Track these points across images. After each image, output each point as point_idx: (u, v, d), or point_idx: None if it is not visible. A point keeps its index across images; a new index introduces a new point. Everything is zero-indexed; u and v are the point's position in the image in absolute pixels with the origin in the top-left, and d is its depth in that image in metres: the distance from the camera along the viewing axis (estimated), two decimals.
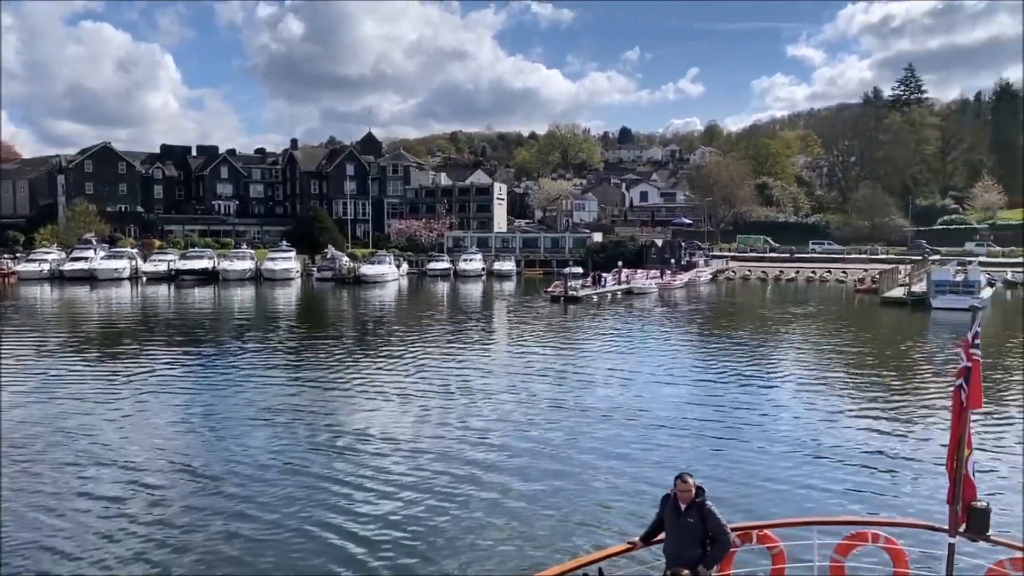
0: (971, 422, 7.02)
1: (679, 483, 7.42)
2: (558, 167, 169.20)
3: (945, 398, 23.72)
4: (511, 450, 18.12)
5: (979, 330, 7.02)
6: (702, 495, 7.37)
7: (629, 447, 18.42)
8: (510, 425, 20.43)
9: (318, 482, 15.63)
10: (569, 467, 16.81)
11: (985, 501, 7.05)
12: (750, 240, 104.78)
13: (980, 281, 52.22)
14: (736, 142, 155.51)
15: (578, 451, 18.03)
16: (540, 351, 33.75)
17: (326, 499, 14.66)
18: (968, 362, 6.95)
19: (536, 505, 14.44)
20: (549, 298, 56.33)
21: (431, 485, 15.46)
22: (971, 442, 7.00)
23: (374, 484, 15.58)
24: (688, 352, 35.30)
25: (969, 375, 6.91)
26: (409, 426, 20.38)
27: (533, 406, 22.71)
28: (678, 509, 7.37)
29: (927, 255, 79.11)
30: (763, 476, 16.13)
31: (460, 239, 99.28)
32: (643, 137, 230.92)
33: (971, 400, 6.88)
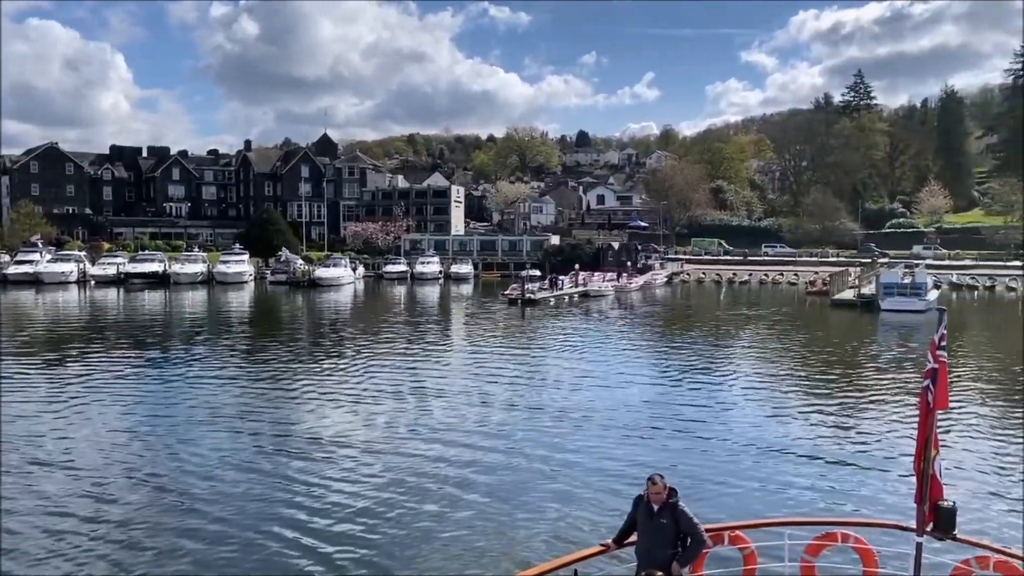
0: (937, 422, 7.10)
1: (650, 484, 7.40)
2: (516, 170, 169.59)
3: (897, 397, 24.30)
4: (473, 452, 17.97)
5: (945, 332, 7.09)
6: (675, 496, 7.36)
7: (591, 447, 18.42)
8: (470, 427, 20.28)
9: (275, 486, 15.32)
10: (532, 468, 16.74)
11: (951, 501, 7.14)
12: (704, 243, 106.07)
13: (927, 283, 53.49)
14: (691, 146, 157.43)
15: (540, 452, 17.96)
16: (497, 354, 33.65)
17: (283, 502, 14.39)
18: (935, 364, 7.01)
19: (502, 507, 14.34)
20: (506, 301, 56.28)
21: (392, 488, 15.26)
22: (938, 443, 7.08)
23: (333, 487, 15.34)
24: (645, 353, 35.52)
25: (936, 376, 6.97)
26: (367, 429, 20.11)
27: (491, 408, 22.59)
28: (651, 510, 7.35)
29: (876, 258, 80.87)
30: (723, 475, 16.26)
31: (417, 242, 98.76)
32: (600, 141, 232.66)
33: (938, 401, 6.95)
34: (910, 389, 25.93)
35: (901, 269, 55.72)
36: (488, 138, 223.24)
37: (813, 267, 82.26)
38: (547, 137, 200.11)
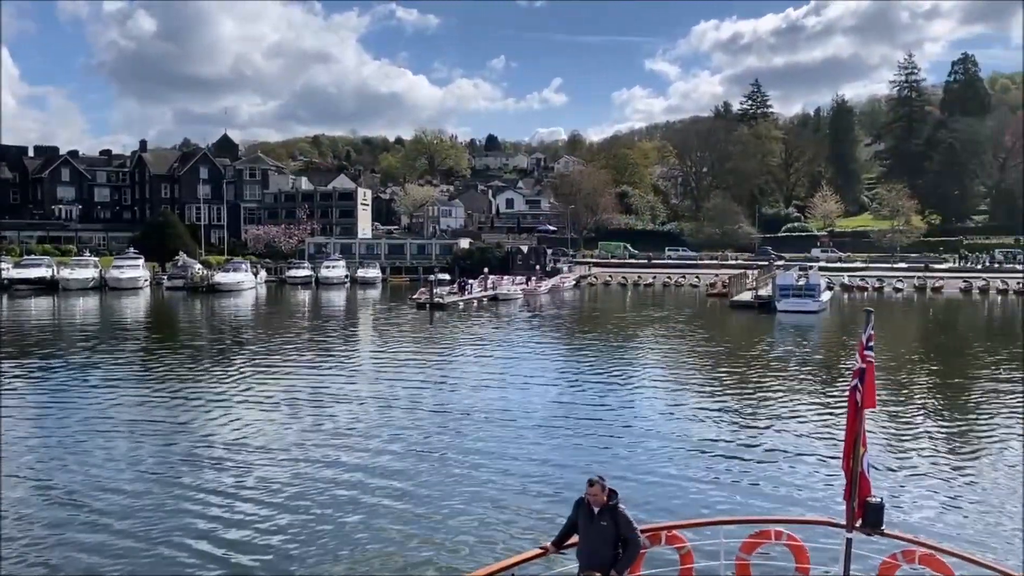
0: (864, 421, 7.23)
1: (589, 487, 7.39)
2: (425, 173, 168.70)
3: (797, 395, 25.16)
4: (387, 457, 17.72)
5: (872, 332, 7.23)
6: (615, 499, 7.37)
7: (506, 450, 18.41)
8: (382, 432, 19.99)
9: (181, 497, 14.80)
10: (450, 472, 16.61)
11: (879, 497, 7.30)
12: (611, 247, 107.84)
13: (820, 285, 55.76)
14: (598, 152, 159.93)
15: (456, 456, 17.86)
16: (406, 358, 33.25)
17: (190, 514, 13.88)
18: (863, 363, 7.14)
19: (423, 512, 14.14)
20: (415, 305, 55.74)
21: (305, 497, 14.90)
22: (866, 440, 7.22)
23: (242, 497, 14.92)
24: (555, 355, 35.76)
25: (864, 376, 7.10)
26: (273, 436, 19.55)
27: (401, 413, 22.30)
28: (591, 513, 7.36)
29: (772, 261, 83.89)
30: (640, 473, 16.47)
31: (322, 245, 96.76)
32: (509, 145, 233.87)
33: (866, 400, 7.10)
34: (809, 387, 26.93)
35: (796, 271, 57.91)
36: (396, 140, 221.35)
37: (714, 270, 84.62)
38: (456, 140, 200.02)
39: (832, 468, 17.19)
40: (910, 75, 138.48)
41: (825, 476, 16.67)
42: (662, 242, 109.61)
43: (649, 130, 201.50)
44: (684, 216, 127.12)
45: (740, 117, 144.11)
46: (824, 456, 18.11)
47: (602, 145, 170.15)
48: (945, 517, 14.24)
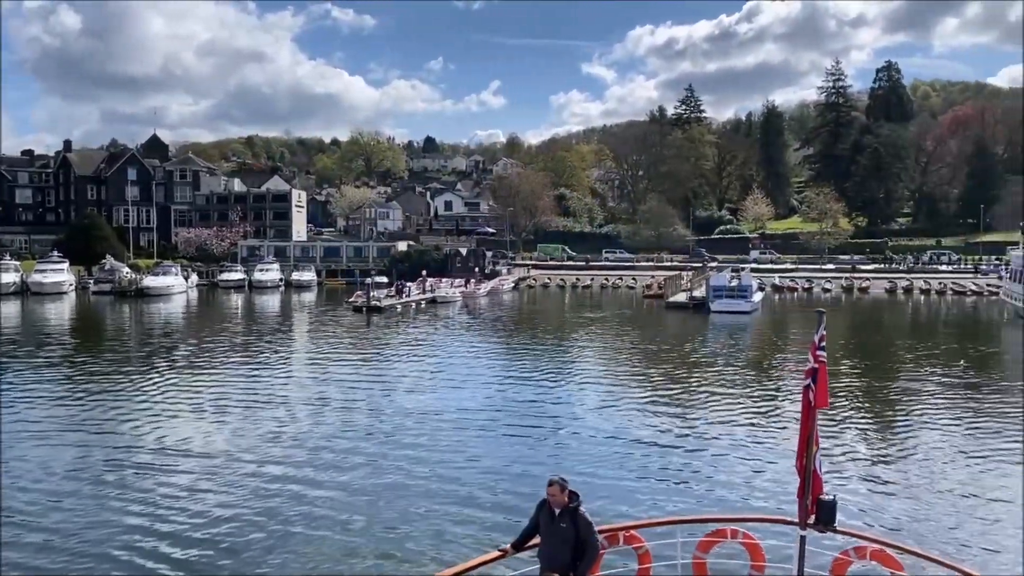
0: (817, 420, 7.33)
1: (549, 488, 7.40)
2: (361, 175, 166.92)
3: (733, 394, 25.63)
4: (328, 461, 17.57)
5: (824, 333, 7.28)
6: (576, 500, 7.37)
7: (452, 452, 18.42)
8: (319, 437, 19.85)
9: (116, 508, 14.41)
10: (393, 474, 16.55)
11: (832, 494, 7.41)
12: (549, 249, 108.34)
13: (752, 286, 56.98)
14: (536, 154, 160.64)
15: (398, 458, 17.79)
16: (341, 362, 32.82)
17: (123, 527, 13.50)
18: (815, 363, 7.22)
19: (369, 515, 14.02)
20: (351, 308, 55.03)
21: (248, 503, 14.65)
22: (818, 439, 7.32)
23: (171, 504, 14.65)
24: (494, 357, 35.71)
25: (816, 376, 7.18)
26: (207, 443, 19.25)
27: (337, 416, 22.06)
28: (552, 514, 7.36)
29: (706, 262, 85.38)
30: (586, 474, 16.53)
31: (256, 248, 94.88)
32: (448, 147, 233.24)
33: (818, 399, 7.18)
34: (744, 386, 27.45)
35: (729, 273, 59.05)
36: (332, 141, 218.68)
37: (650, 271, 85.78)
38: (394, 142, 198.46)
39: (771, 464, 17.64)
40: (837, 81, 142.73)
41: (762, 472, 17.00)
42: (600, 244, 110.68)
43: (586, 133, 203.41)
44: (621, 218, 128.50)
45: (675, 121, 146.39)
46: (763, 453, 18.53)
47: (540, 148, 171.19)
48: (894, 513, 14.61)
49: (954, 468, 17.59)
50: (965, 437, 20.39)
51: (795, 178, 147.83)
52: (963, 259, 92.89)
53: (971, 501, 15.34)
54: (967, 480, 16.69)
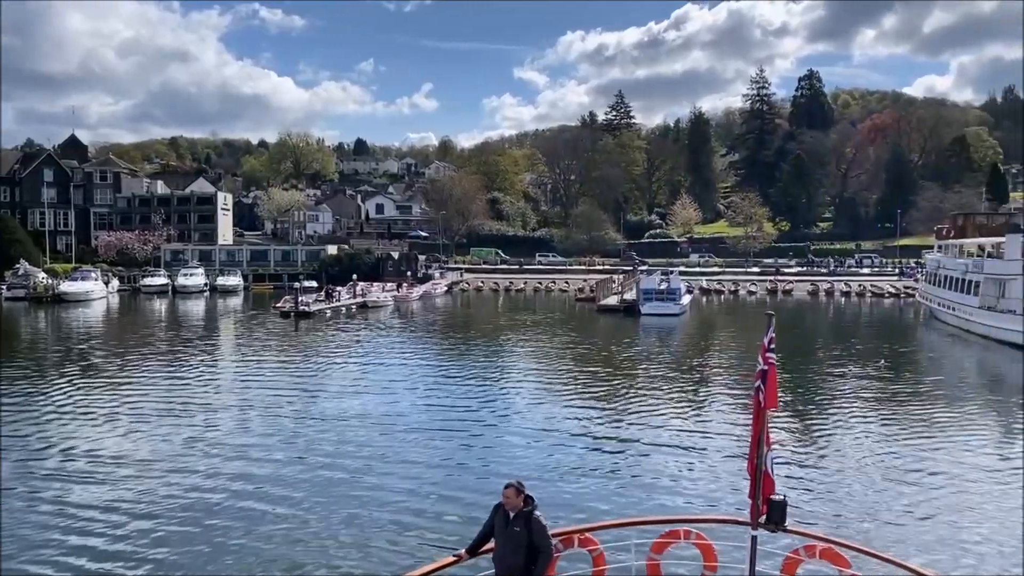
0: (767, 421, 7.36)
1: (506, 491, 7.38)
2: (290, 177, 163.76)
3: (665, 395, 25.90)
4: (260, 468, 17.21)
5: (774, 335, 7.32)
6: (531, 504, 7.34)
7: (383, 455, 18.27)
8: (249, 444, 19.49)
9: (40, 520, 13.75)
10: (329, 479, 16.38)
11: (782, 494, 7.45)
12: (482, 253, 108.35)
13: (681, 289, 57.96)
14: (469, 158, 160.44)
15: (329, 464, 17.52)
16: (268, 367, 32.06)
17: (46, 541, 12.90)
18: (764, 365, 7.26)
19: (310, 525, 13.74)
20: (279, 313, 53.84)
21: (186, 511, 14.31)
22: (770, 439, 7.37)
23: (99, 513, 14.22)
24: (428, 361, 35.37)
25: (766, 377, 7.21)
26: (117, 450, 18.64)
27: (262, 424, 21.54)
28: (507, 518, 7.33)
29: (637, 266, 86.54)
30: (526, 475, 16.38)
31: (180, 252, 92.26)
32: (379, 149, 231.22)
33: (768, 400, 7.22)
34: (674, 387, 27.78)
35: (658, 276, 59.92)
36: (260, 143, 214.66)
37: (582, 275, 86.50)
38: (324, 144, 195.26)
39: (711, 462, 17.90)
40: (761, 89, 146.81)
41: (698, 471, 17.17)
42: (533, 248, 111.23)
43: (519, 137, 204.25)
44: (554, 222, 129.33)
45: (605, 127, 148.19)
46: (701, 453, 18.76)
47: (473, 151, 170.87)
48: (835, 511, 14.90)
49: (884, 463, 18.07)
50: (890, 433, 21.01)
51: (722, 183, 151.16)
52: (884, 262, 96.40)
53: (907, 495, 15.76)
54: (900, 475, 17.16)
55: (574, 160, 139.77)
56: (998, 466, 18.04)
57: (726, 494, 15.82)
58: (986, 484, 16.61)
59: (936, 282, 52.87)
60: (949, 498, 15.69)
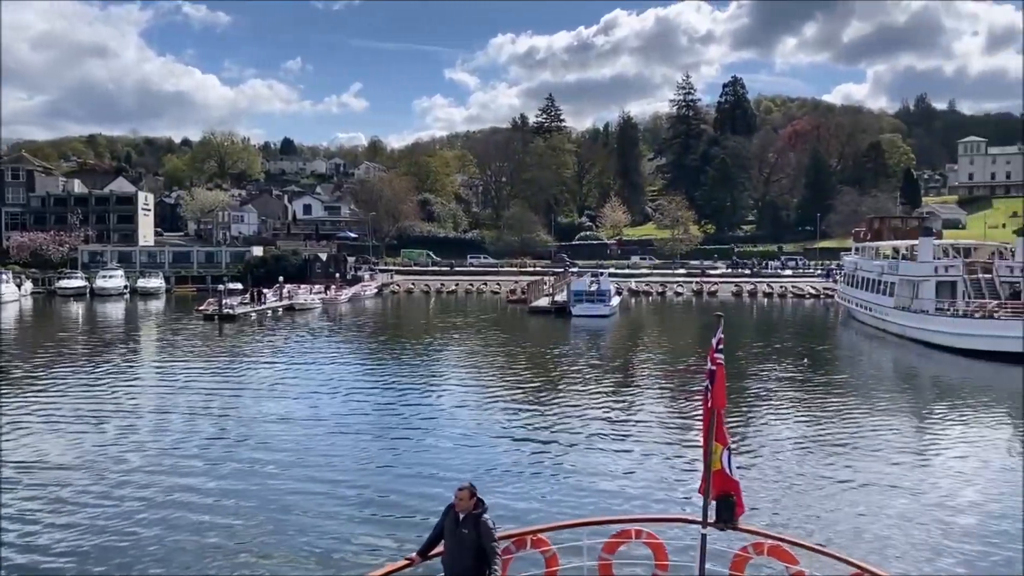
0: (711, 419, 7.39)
1: (459, 493, 7.40)
2: (214, 176, 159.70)
3: (597, 394, 26.08)
4: (191, 474, 16.76)
5: (722, 336, 7.39)
6: (481, 507, 7.35)
7: (315, 459, 18.00)
8: (172, 450, 18.88)
9: None
10: (261, 485, 16.02)
11: (730, 493, 7.50)
12: (413, 254, 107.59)
13: (610, 290, 58.62)
14: (399, 158, 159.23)
15: (261, 472, 17.11)
16: (189, 372, 31.06)
17: None
18: (713, 366, 7.33)
19: (256, 531, 13.45)
20: (202, 316, 52.34)
21: (118, 519, 13.91)
22: (724, 438, 7.42)
23: (20, 521, 13.77)
24: (357, 364, 34.92)
25: (714, 378, 7.29)
26: (39, 455, 18.03)
27: (185, 428, 20.92)
28: (456, 519, 7.34)
29: (567, 268, 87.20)
30: (444, 472, 16.28)
31: (98, 253, 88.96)
32: (307, 149, 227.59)
33: (716, 400, 7.30)
34: (607, 386, 28.00)
35: (588, 278, 60.49)
36: (183, 142, 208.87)
37: (513, 277, 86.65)
38: (249, 143, 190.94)
39: (650, 461, 18.12)
40: (687, 95, 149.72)
41: (641, 469, 17.31)
42: (464, 249, 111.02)
43: (450, 139, 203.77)
44: (485, 224, 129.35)
45: (536, 130, 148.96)
46: (637, 451, 18.95)
47: (403, 152, 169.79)
48: (791, 509, 15.17)
49: (812, 458, 18.53)
50: (815, 428, 21.58)
51: (649, 187, 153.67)
52: (808, 264, 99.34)
53: (846, 492, 16.21)
54: (829, 471, 17.66)
55: (505, 162, 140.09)
56: (919, 460, 18.74)
57: (666, 491, 16.09)
58: (909, 478, 17.20)
59: (853, 283, 54.71)
60: (875, 493, 16.15)
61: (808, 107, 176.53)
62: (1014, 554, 12.76)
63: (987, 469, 18.20)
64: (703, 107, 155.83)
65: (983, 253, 46.47)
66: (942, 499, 15.73)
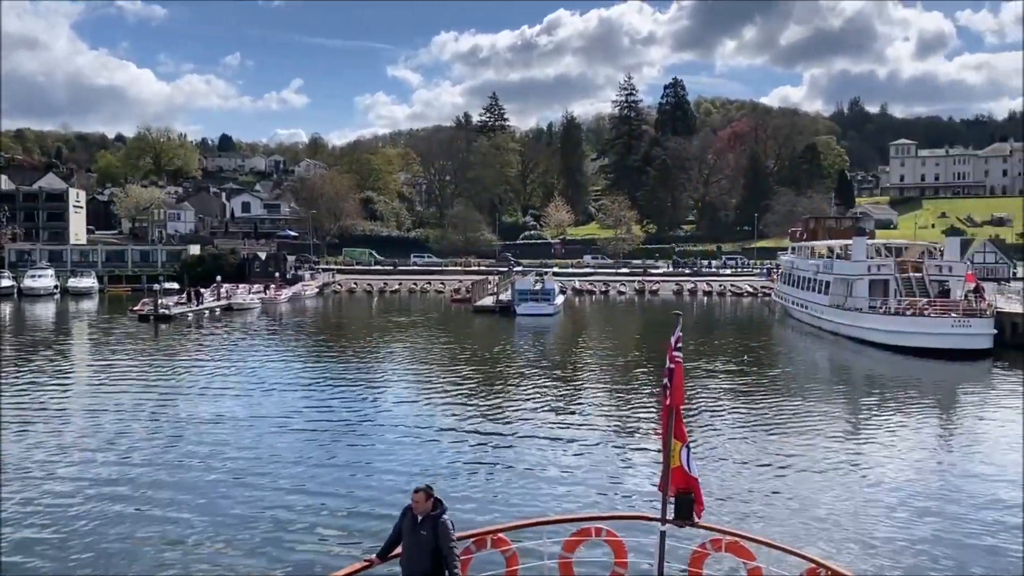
0: (672, 417, 7.40)
1: (413, 494, 7.40)
2: (150, 173, 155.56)
3: (547, 392, 26.10)
4: (129, 480, 16.21)
5: (681, 335, 7.38)
6: (439, 508, 7.34)
7: (253, 460, 17.70)
8: (107, 455, 18.24)
9: None
10: (206, 488, 15.74)
11: (688, 490, 7.53)
12: (355, 253, 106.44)
13: (554, 289, 58.86)
14: (341, 156, 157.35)
15: (203, 474, 16.75)
16: (123, 374, 30.11)
17: None
18: (671, 364, 7.35)
19: (193, 533, 13.15)
20: (137, 317, 50.88)
21: (40, 519, 13.60)
22: (683, 435, 7.44)
23: None
24: (297, 365, 34.33)
25: (672, 376, 7.31)
26: None
27: (115, 433, 20.15)
28: (414, 521, 7.33)
29: (512, 267, 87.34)
30: (389, 470, 16.13)
31: (26, 252, 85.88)
32: (246, 146, 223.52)
33: (674, 398, 7.34)
34: (554, 385, 28.05)
35: (533, 277, 60.61)
36: (117, 137, 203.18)
37: (458, 276, 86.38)
38: (186, 139, 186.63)
39: (598, 457, 18.23)
40: (629, 96, 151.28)
41: (590, 467, 17.34)
42: (408, 248, 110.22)
43: (393, 136, 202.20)
44: (429, 223, 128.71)
45: (480, 128, 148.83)
46: (586, 448, 19.04)
47: (345, 149, 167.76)
48: (739, 504, 15.29)
49: (755, 449, 18.85)
50: (754, 423, 21.95)
51: (593, 187, 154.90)
52: (747, 263, 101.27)
53: (793, 485, 16.50)
54: (772, 464, 17.97)
55: (449, 160, 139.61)
56: (856, 452, 19.22)
57: (617, 488, 16.22)
58: (849, 469, 17.61)
59: (790, 282, 55.93)
60: (818, 484, 16.53)
61: (747, 109, 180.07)
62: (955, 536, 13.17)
63: (915, 456, 18.92)
64: (645, 108, 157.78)
65: (914, 252, 47.92)
66: (882, 487, 16.27)
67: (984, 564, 12.40)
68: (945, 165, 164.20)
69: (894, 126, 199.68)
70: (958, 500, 15.51)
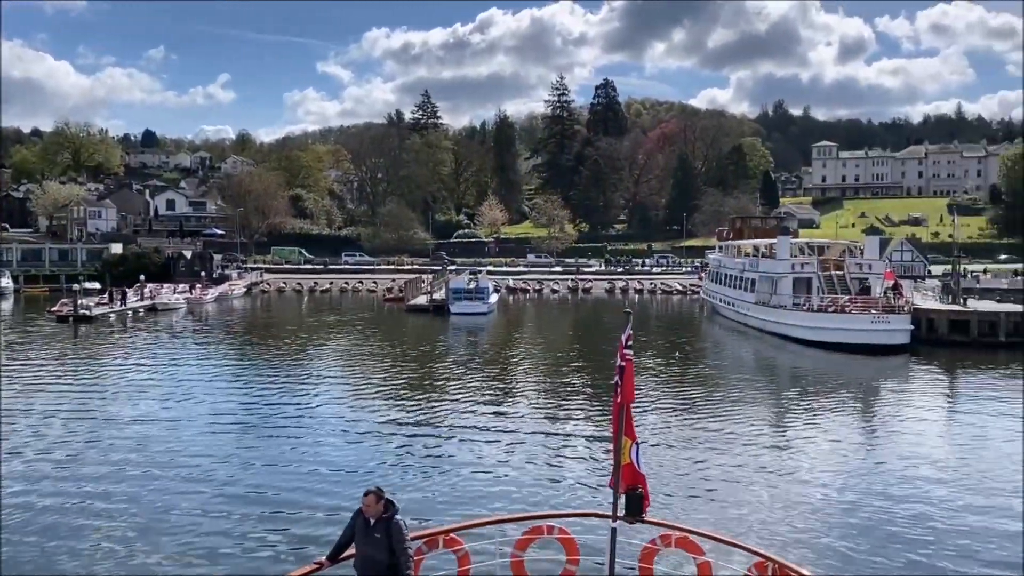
0: (630, 415, 7.47)
1: (364, 497, 7.33)
2: (68, 169, 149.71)
3: (483, 391, 26.09)
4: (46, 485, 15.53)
5: (631, 332, 7.43)
6: (391, 510, 7.28)
7: (180, 465, 17.13)
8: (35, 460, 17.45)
9: None
10: (131, 493, 15.25)
11: (638, 487, 7.56)
12: (284, 252, 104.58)
13: (489, 288, 58.87)
14: (269, 153, 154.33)
15: (127, 478, 16.18)
16: (40, 378, 28.87)
17: None
18: (622, 362, 7.37)
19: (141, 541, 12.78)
20: (55, 318, 48.93)
21: None
22: (633, 432, 7.49)
23: None
24: (223, 366, 33.49)
25: (623, 373, 7.34)
26: None
27: (30, 434, 19.37)
28: (367, 524, 7.27)
29: (446, 266, 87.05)
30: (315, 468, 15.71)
31: None
32: (170, 142, 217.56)
33: (625, 395, 7.37)
34: (489, 384, 28.05)
35: (467, 276, 60.53)
36: (33, 132, 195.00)
37: (390, 275, 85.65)
38: (107, 134, 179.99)
39: (543, 455, 18.27)
40: (562, 96, 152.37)
41: (533, 465, 17.37)
42: (338, 247, 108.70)
43: (323, 133, 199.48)
44: (361, 221, 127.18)
45: (412, 126, 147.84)
46: (532, 446, 19.08)
47: (274, 146, 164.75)
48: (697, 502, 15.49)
49: (688, 442, 19.19)
50: (686, 418, 22.36)
51: (526, 186, 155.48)
52: (677, 262, 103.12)
53: (723, 478, 16.79)
54: (705, 458, 18.31)
55: (381, 158, 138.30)
56: (784, 444, 19.75)
57: (555, 485, 16.30)
58: (776, 462, 18.07)
59: (718, 280, 57.21)
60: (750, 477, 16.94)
61: (675, 110, 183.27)
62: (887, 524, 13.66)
63: (839, 448, 19.60)
64: (577, 108, 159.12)
65: (835, 251, 49.57)
66: (810, 483, 16.74)
67: (904, 550, 12.91)
68: (864, 166, 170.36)
69: (816, 128, 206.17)
70: (881, 491, 16.07)
